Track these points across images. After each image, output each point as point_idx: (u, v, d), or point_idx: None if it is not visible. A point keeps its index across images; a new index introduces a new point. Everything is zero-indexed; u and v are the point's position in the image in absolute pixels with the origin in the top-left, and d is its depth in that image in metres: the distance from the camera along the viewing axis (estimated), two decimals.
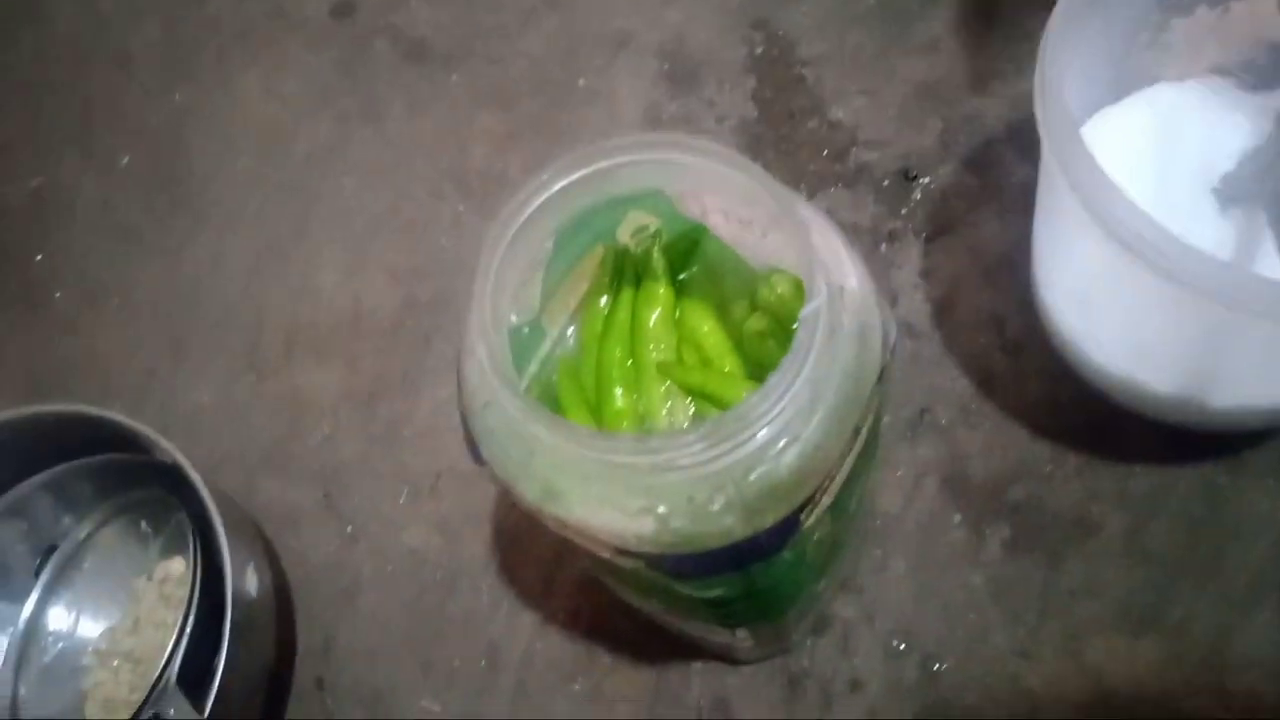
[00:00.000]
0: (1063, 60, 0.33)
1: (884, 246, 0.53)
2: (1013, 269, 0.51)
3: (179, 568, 0.51)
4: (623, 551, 0.30)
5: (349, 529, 0.53)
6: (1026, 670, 0.44)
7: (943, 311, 0.51)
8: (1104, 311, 0.40)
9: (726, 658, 0.46)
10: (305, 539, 0.53)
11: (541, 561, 0.49)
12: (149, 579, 0.52)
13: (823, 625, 0.46)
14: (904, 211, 0.53)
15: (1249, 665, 0.42)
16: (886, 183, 0.54)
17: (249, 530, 0.49)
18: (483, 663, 0.48)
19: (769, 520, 0.28)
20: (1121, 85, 0.44)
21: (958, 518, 0.47)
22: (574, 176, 0.32)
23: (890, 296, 0.51)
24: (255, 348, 0.60)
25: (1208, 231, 0.41)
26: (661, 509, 0.28)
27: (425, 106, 0.64)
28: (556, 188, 0.31)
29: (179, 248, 0.65)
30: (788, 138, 0.57)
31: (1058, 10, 0.34)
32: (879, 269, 0.52)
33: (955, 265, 0.52)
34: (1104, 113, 0.44)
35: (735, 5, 0.62)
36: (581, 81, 0.61)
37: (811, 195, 0.55)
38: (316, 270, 0.61)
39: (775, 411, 0.27)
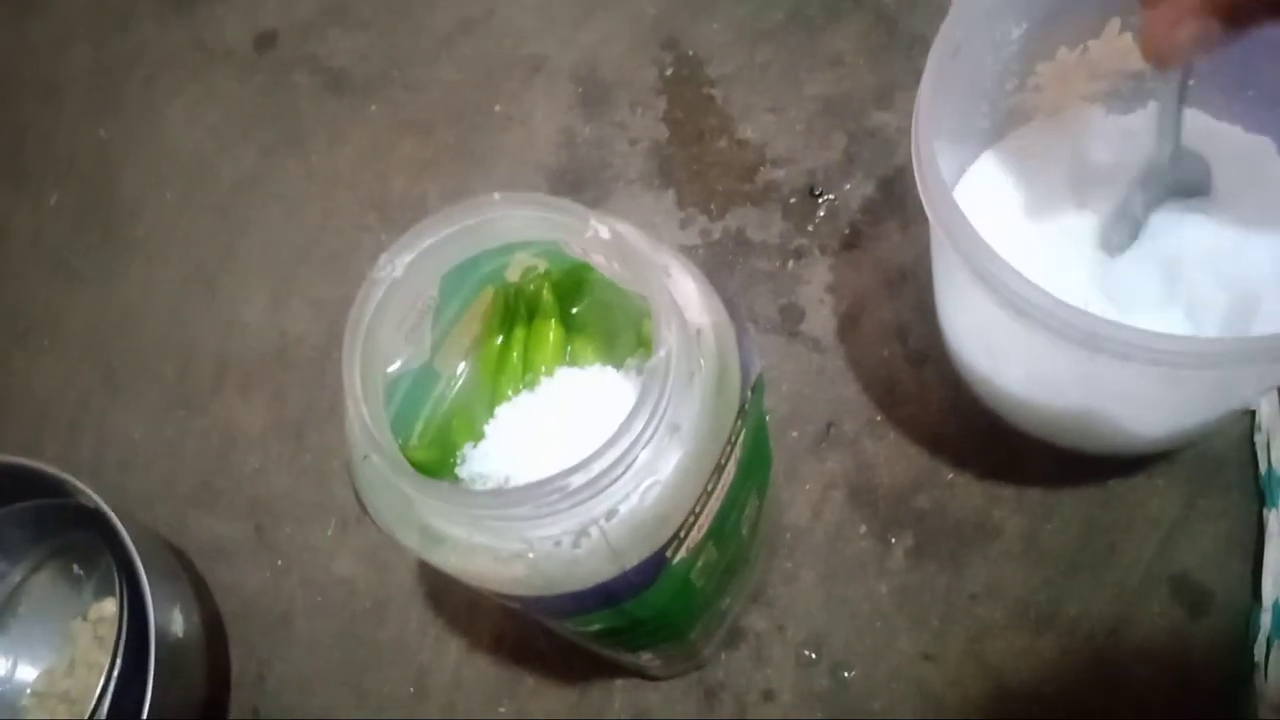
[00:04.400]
0: (935, 124, 0.34)
1: (791, 263, 0.54)
2: (916, 280, 0.52)
3: (112, 608, 0.52)
4: (500, 595, 0.31)
5: (279, 561, 0.54)
6: (931, 673, 0.45)
7: (848, 325, 0.52)
8: (998, 351, 0.42)
9: (645, 675, 0.47)
10: (238, 571, 0.54)
11: (466, 588, 0.50)
12: (84, 620, 0.53)
13: (736, 638, 0.47)
14: (810, 228, 0.54)
15: (1141, 657, 0.44)
16: (793, 200, 0.55)
17: (176, 568, 0.50)
18: (412, 689, 0.50)
19: (634, 560, 0.30)
20: (999, 128, 0.45)
21: (864, 528, 0.48)
22: (442, 234, 0.33)
23: (798, 313, 0.53)
24: (184, 380, 0.61)
25: (1092, 257, 0.43)
26: (531, 555, 0.29)
27: (346, 135, 0.65)
28: (425, 244, 0.32)
29: (109, 280, 0.65)
30: (698, 158, 0.58)
31: (925, 79, 0.35)
32: (786, 286, 0.53)
33: (860, 279, 0.53)
34: (985, 156, 0.46)
35: (647, 25, 0.62)
36: (497, 107, 0.62)
37: (721, 215, 0.56)
38: (244, 301, 0.62)
39: (629, 458, 0.28)
